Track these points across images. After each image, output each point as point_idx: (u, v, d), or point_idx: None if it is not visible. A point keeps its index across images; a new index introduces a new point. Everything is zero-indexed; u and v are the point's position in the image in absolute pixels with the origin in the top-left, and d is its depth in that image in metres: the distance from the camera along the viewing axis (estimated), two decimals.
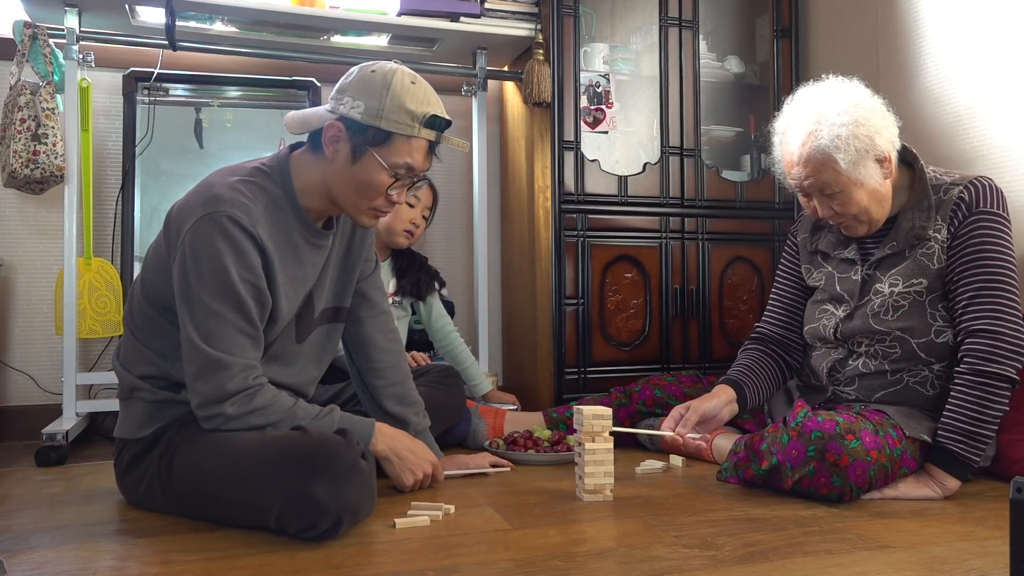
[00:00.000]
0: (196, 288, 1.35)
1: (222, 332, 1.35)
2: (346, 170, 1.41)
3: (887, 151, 1.61)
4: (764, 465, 1.57)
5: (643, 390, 2.13)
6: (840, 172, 1.58)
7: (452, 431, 2.08)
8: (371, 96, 1.38)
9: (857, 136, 1.57)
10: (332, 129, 1.40)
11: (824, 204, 1.65)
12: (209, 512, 1.40)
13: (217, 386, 1.35)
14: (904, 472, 1.57)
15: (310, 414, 1.43)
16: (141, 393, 1.47)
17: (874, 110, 1.61)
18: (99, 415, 2.46)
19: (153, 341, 1.47)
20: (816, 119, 1.60)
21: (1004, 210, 1.65)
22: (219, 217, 1.34)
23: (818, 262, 1.83)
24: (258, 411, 1.38)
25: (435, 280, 2.39)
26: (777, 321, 1.92)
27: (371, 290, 1.70)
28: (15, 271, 2.49)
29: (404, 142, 1.39)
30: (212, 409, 1.37)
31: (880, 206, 1.66)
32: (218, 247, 1.34)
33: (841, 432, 1.47)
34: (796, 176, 1.64)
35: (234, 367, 1.36)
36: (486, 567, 1.18)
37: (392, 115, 1.37)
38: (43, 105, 2.15)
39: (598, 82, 2.62)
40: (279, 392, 1.43)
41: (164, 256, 1.43)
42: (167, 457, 1.43)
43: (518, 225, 2.77)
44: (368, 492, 1.32)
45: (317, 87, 2.70)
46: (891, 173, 1.64)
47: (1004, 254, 1.61)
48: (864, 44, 2.54)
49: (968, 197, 1.64)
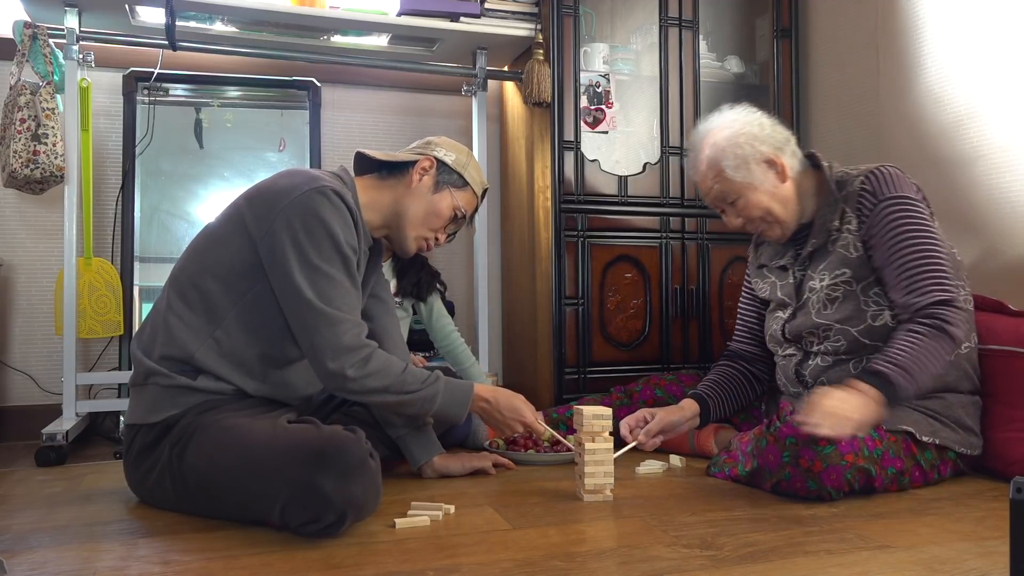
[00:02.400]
0: (308, 251, 1.45)
1: (334, 291, 1.47)
2: (424, 196, 1.66)
3: (773, 155, 1.75)
4: (748, 467, 1.62)
5: (644, 390, 2.13)
6: (729, 178, 1.74)
7: (452, 431, 2.08)
8: (460, 154, 1.72)
9: (737, 144, 1.74)
10: (426, 162, 1.67)
11: (732, 213, 1.80)
12: (215, 503, 1.41)
13: (334, 339, 1.45)
14: (891, 472, 1.57)
15: (417, 379, 1.54)
16: (157, 378, 1.48)
17: (751, 123, 1.77)
18: (99, 415, 2.47)
19: (194, 316, 1.50)
20: (705, 141, 1.80)
21: (911, 192, 1.70)
22: (326, 190, 1.48)
23: (764, 274, 1.93)
24: (374, 374, 1.48)
25: (436, 280, 2.39)
26: (743, 338, 2.02)
27: (384, 293, 1.82)
28: (15, 271, 2.49)
29: (471, 195, 1.71)
30: (334, 365, 1.45)
31: (784, 206, 1.77)
32: (327, 214, 1.47)
33: (815, 438, 1.47)
34: (704, 193, 1.83)
35: (348, 322, 1.47)
36: (486, 567, 1.18)
37: (472, 173, 1.71)
38: (43, 105, 2.16)
39: (598, 82, 2.63)
40: (390, 357, 1.53)
41: (238, 229, 1.50)
42: (179, 446, 1.44)
43: (518, 225, 2.77)
44: (374, 490, 1.33)
45: (317, 87, 2.70)
46: (785, 175, 1.76)
47: (925, 231, 1.65)
48: (864, 44, 2.54)
49: (870, 186, 1.72)
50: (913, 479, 1.62)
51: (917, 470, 1.62)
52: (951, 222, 2.20)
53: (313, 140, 2.69)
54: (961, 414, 1.69)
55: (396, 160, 1.68)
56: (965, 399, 1.71)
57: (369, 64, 2.55)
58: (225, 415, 1.45)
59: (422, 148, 1.71)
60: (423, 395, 1.54)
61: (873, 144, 2.51)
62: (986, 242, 2.10)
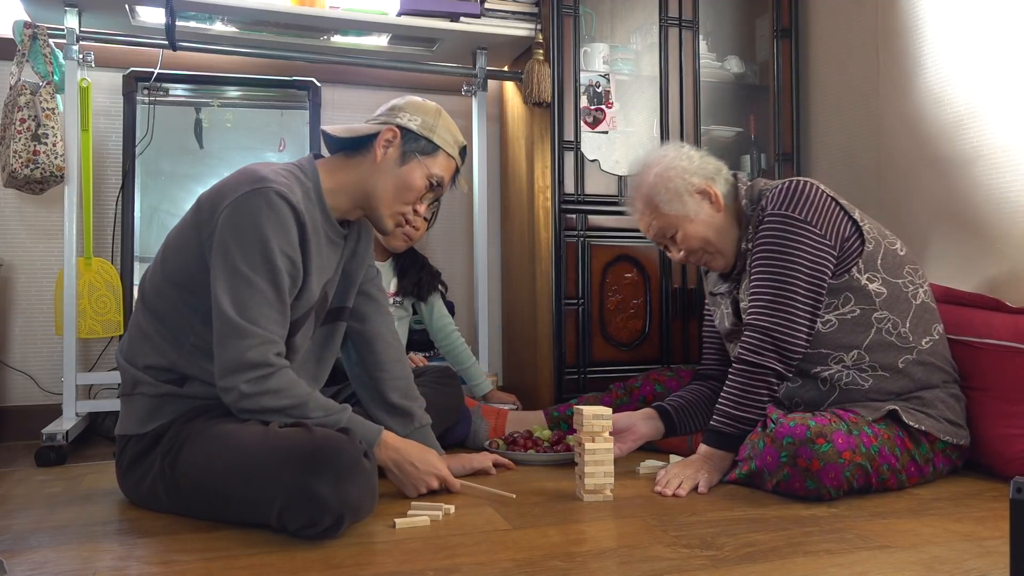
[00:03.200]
0: (234, 256, 1.39)
1: (252, 301, 1.39)
2: (391, 170, 1.56)
3: (704, 186, 1.79)
4: (744, 470, 1.62)
5: (643, 385, 2.15)
6: (665, 213, 1.79)
7: (452, 431, 2.08)
8: (427, 115, 1.59)
9: (668, 178, 1.78)
10: (388, 133, 1.56)
11: (675, 248, 1.84)
12: (211, 509, 1.40)
13: (237, 354, 1.37)
14: (886, 468, 1.58)
15: (322, 407, 1.43)
16: (144, 388, 1.48)
17: (680, 157, 1.82)
18: (99, 415, 2.47)
19: (165, 326, 1.48)
20: (638, 181, 1.84)
21: (802, 211, 1.69)
22: (266, 191, 1.41)
23: (716, 302, 1.95)
24: (272, 393, 1.39)
25: (437, 280, 2.39)
26: (711, 361, 2.03)
27: (375, 291, 1.76)
28: (15, 271, 2.49)
29: (445, 159, 1.60)
30: (229, 380, 1.38)
31: (721, 235, 1.80)
32: (262, 218, 1.40)
33: (812, 436, 1.50)
34: (644, 230, 1.87)
35: (256, 337, 1.38)
36: (486, 567, 1.18)
37: (442, 134, 1.59)
38: (43, 105, 2.15)
39: (598, 82, 2.62)
40: (297, 379, 1.43)
41: (191, 235, 1.47)
42: (171, 455, 1.43)
43: (518, 225, 2.77)
44: (370, 491, 1.33)
45: (317, 87, 2.70)
46: (720, 204, 1.80)
47: (784, 253, 1.68)
48: (864, 44, 2.54)
49: (765, 202, 1.75)
50: (909, 474, 1.63)
51: (912, 465, 1.63)
52: (951, 222, 2.21)
53: (313, 140, 2.69)
54: (943, 408, 1.70)
55: (358, 135, 1.58)
56: (942, 394, 1.73)
57: (369, 64, 2.55)
58: (215, 421, 1.43)
59: (385, 116, 1.60)
60: (325, 423, 1.40)
61: (873, 144, 2.51)
62: (986, 242, 2.10)
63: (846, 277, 1.69)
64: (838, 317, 1.70)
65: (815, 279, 1.66)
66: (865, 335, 1.70)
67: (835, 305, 1.70)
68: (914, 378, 1.71)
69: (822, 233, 1.68)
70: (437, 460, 1.58)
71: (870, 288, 1.70)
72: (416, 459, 1.54)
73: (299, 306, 1.51)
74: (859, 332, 1.70)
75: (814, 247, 1.67)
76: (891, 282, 1.72)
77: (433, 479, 1.55)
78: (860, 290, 1.70)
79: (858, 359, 1.70)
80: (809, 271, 1.66)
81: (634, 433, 1.83)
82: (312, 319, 1.59)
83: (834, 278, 1.69)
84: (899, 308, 1.72)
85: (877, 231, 1.77)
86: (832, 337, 1.70)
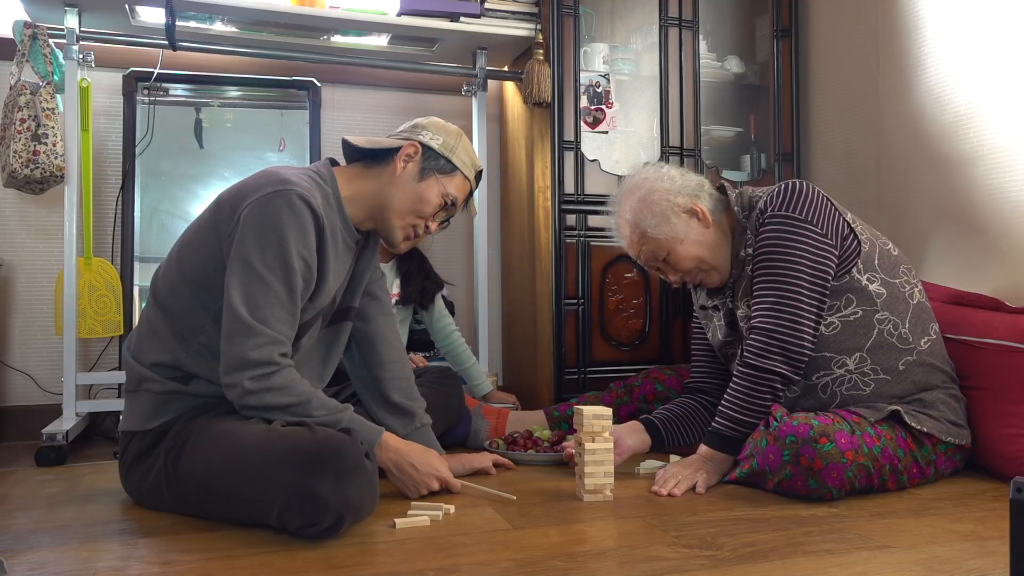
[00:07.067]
0: (251, 254, 1.40)
1: (264, 300, 1.40)
2: (409, 184, 1.59)
3: (690, 204, 1.79)
4: (745, 468, 1.62)
5: (644, 384, 2.15)
6: (654, 237, 1.78)
7: (452, 431, 2.08)
8: (448, 136, 1.63)
9: (653, 201, 1.77)
10: (410, 148, 1.59)
11: (667, 270, 1.83)
12: (213, 507, 1.40)
13: (243, 351, 1.38)
14: (888, 468, 1.58)
15: (324, 405, 1.44)
16: (149, 384, 1.48)
17: (662, 178, 1.81)
18: (99, 415, 2.47)
19: (175, 324, 1.49)
20: (622, 207, 1.84)
21: (802, 211, 1.69)
22: (288, 193, 1.43)
23: (708, 315, 1.94)
24: (274, 390, 1.39)
25: (440, 290, 2.39)
26: (701, 374, 2.01)
27: (380, 292, 1.77)
28: (15, 271, 2.49)
29: (461, 180, 1.63)
30: (234, 376, 1.38)
31: (713, 251, 1.79)
32: (283, 219, 1.41)
33: (815, 436, 1.50)
34: (635, 256, 1.86)
35: (263, 336, 1.39)
36: (486, 567, 1.18)
37: (461, 156, 1.63)
38: (43, 105, 2.15)
39: (598, 82, 2.62)
40: (300, 378, 1.44)
41: (208, 234, 1.48)
42: (174, 453, 1.43)
43: (518, 225, 2.77)
44: (371, 491, 1.33)
45: (317, 87, 2.70)
46: (708, 220, 1.79)
47: (789, 254, 1.67)
48: (864, 44, 2.54)
49: (764, 204, 1.74)
50: (911, 475, 1.62)
51: (915, 466, 1.63)
52: (951, 222, 2.21)
53: (313, 140, 2.69)
54: (944, 409, 1.70)
55: (379, 147, 1.61)
56: (942, 395, 1.72)
57: (369, 64, 2.55)
58: (219, 419, 1.44)
59: (408, 132, 1.63)
60: (327, 422, 1.41)
61: (873, 144, 2.51)
62: (986, 242, 2.10)
63: (847, 278, 1.69)
64: (841, 319, 1.70)
65: (818, 278, 1.66)
66: (867, 337, 1.70)
67: (837, 307, 1.70)
68: (914, 380, 1.71)
69: (823, 232, 1.68)
70: (437, 461, 1.58)
71: (870, 289, 1.70)
72: (417, 461, 1.54)
73: (311, 308, 1.52)
74: (861, 334, 1.70)
75: (816, 246, 1.67)
76: (889, 282, 1.72)
77: (434, 481, 1.55)
78: (861, 291, 1.70)
79: (860, 362, 1.70)
80: (812, 271, 1.66)
81: (620, 446, 1.75)
82: (320, 321, 1.60)
83: (835, 279, 1.69)
84: (898, 308, 1.72)
85: (869, 231, 1.77)
86: (835, 340, 1.70)
